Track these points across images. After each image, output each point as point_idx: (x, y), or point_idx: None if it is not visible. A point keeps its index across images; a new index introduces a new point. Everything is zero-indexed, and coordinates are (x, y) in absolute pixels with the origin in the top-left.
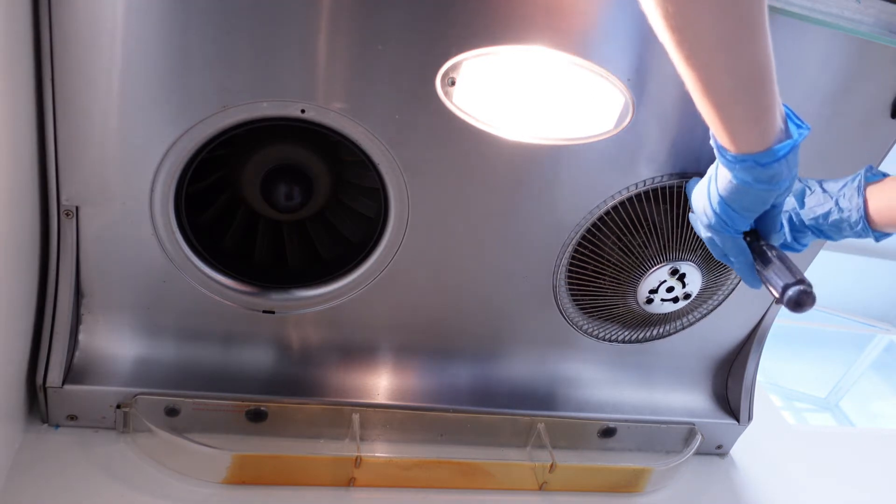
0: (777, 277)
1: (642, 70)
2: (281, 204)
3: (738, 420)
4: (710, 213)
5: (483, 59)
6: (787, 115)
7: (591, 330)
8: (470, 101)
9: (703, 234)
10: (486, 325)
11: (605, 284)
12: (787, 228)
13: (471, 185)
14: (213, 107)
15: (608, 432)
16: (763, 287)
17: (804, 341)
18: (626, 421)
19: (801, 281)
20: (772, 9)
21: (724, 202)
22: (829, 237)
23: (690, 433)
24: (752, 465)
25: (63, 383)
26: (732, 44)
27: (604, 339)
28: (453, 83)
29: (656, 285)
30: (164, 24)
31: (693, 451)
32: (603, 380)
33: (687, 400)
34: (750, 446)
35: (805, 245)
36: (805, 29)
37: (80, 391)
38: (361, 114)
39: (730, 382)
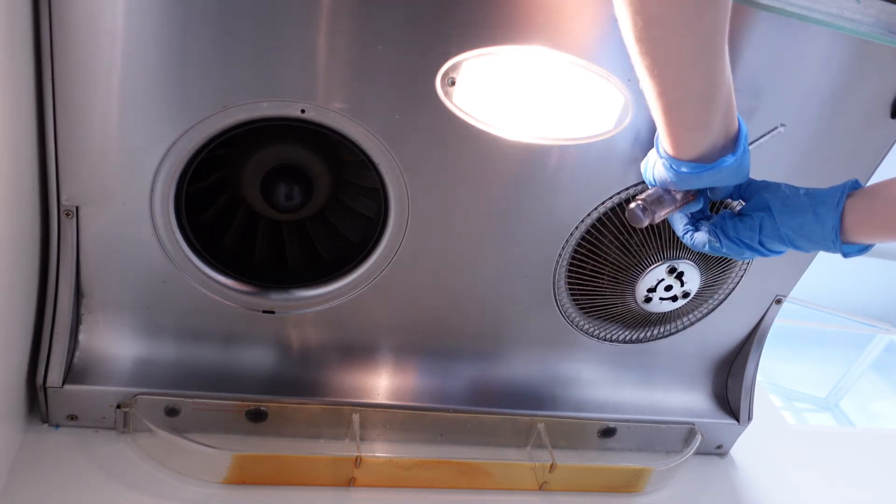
0: (645, 193)
1: None
2: (281, 204)
3: (738, 420)
4: (650, 178)
5: (483, 59)
6: (739, 137)
7: (590, 330)
8: (470, 101)
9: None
10: (486, 325)
11: (604, 283)
12: (758, 232)
13: (471, 185)
14: (213, 107)
15: (608, 432)
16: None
17: (804, 341)
18: (626, 421)
19: (646, 203)
20: (772, 9)
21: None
22: (797, 246)
23: (690, 433)
24: (752, 465)
25: (63, 383)
26: (691, 63)
27: (604, 339)
28: (453, 83)
29: (655, 284)
30: (164, 25)
31: (693, 451)
32: (603, 380)
33: (687, 400)
34: (750, 446)
35: (776, 252)
36: (805, 29)
37: (80, 391)
38: (361, 114)
39: (730, 382)
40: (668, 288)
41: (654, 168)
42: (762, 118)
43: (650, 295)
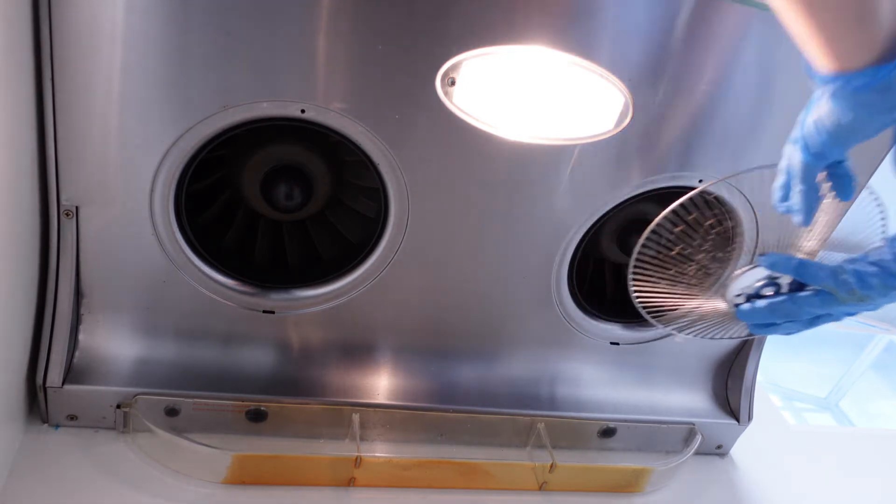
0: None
1: (642, 70)
2: (281, 204)
3: (738, 420)
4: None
5: (483, 59)
6: None
7: (591, 329)
8: (470, 101)
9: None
10: (486, 325)
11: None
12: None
13: (471, 185)
14: (213, 107)
15: (608, 432)
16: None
17: (804, 341)
18: (626, 421)
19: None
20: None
21: (819, 128)
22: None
23: (690, 433)
24: (752, 465)
25: (63, 383)
26: None
27: (603, 339)
28: (453, 83)
29: None
30: (164, 24)
31: (693, 451)
32: (603, 380)
33: (687, 400)
34: (750, 446)
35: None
36: None
37: (80, 391)
38: (361, 114)
39: (730, 382)
40: None
41: (815, 114)
42: (763, 118)
43: None
